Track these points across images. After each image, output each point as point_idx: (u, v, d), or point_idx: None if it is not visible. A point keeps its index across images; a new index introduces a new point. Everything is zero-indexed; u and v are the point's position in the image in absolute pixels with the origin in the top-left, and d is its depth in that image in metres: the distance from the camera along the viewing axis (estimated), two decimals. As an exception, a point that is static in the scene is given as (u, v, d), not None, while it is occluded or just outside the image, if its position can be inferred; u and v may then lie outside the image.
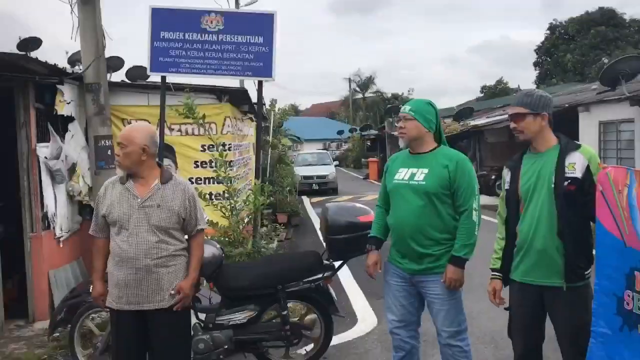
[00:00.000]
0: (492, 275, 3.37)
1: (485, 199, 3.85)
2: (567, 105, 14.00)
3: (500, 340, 5.14)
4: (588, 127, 13.17)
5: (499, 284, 3.35)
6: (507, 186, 3.34)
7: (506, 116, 16.64)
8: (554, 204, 3.05)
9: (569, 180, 3.02)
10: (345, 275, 7.57)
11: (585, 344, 2.93)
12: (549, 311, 3.18)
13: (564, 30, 45.82)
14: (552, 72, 45.41)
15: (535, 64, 48.40)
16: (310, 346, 4.82)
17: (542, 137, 3.18)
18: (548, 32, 47.18)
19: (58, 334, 5.27)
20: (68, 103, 6.57)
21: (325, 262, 4.63)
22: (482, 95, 50.33)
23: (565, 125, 7.20)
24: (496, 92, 47.78)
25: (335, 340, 5.06)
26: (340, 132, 49.32)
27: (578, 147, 3.11)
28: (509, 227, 3.31)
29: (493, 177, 17.10)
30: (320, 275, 4.57)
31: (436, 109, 3.63)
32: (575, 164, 3.04)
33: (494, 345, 5.16)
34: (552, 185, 3.06)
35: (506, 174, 3.37)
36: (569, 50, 43.57)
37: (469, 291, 3.56)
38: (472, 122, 20.55)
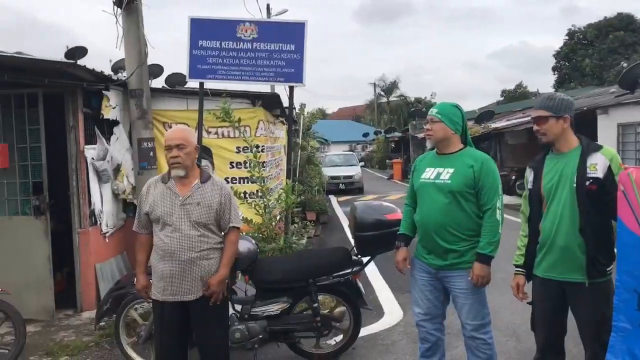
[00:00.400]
0: (516, 271, 3.34)
1: (505, 198, 3.81)
2: (585, 108, 13.76)
3: (522, 334, 5.10)
4: (606, 130, 12.92)
5: (522, 280, 3.31)
6: (530, 185, 3.31)
7: (526, 119, 16.44)
8: (576, 202, 3.01)
9: (591, 180, 2.98)
10: (371, 270, 7.55)
11: (607, 338, 2.88)
12: (571, 306, 3.15)
13: (583, 35, 44.97)
14: (570, 77, 44.66)
15: (554, 69, 47.63)
16: (339, 337, 4.84)
17: (564, 139, 3.14)
18: (567, 37, 46.37)
19: (104, 323, 5.38)
20: (113, 108, 6.67)
21: (354, 257, 4.64)
22: (502, 98, 49.68)
23: (584, 127, 7.09)
24: (516, 96, 47.12)
25: (363, 332, 5.06)
26: (365, 135, 49.17)
27: (599, 148, 3.07)
28: (532, 224, 3.28)
29: (513, 177, 16.90)
30: (349, 270, 4.57)
31: (462, 112, 3.62)
32: (597, 165, 2.99)
33: (515, 338, 5.10)
34: (574, 185, 3.02)
35: (529, 174, 3.33)
36: (588, 55, 42.77)
37: (492, 286, 3.53)
38: (493, 125, 20.34)
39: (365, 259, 4.70)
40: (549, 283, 3.17)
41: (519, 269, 3.33)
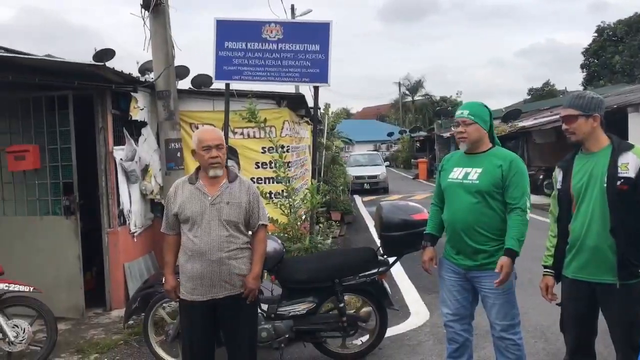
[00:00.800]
0: (545, 272, 3.30)
1: (533, 198, 3.77)
2: (615, 106, 13.52)
3: (551, 335, 5.05)
4: (638, 127, 12.67)
5: (551, 281, 3.28)
6: (559, 185, 3.27)
7: (553, 117, 16.19)
8: (607, 202, 2.97)
9: (622, 180, 2.94)
10: (397, 271, 7.53)
11: (638, 340, 2.84)
12: (602, 307, 3.10)
13: (612, 32, 44.12)
14: (600, 74, 43.86)
15: (583, 66, 46.82)
16: (365, 337, 4.84)
17: (594, 138, 3.10)
18: (596, 34, 45.57)
19: (133, 322, 5.46)
20: (141, 109, 6.77)
21: (380, 258, 4.64)
22: (529, 97, 49.11)
23: (614, 126, 6.97)
24: (543, 95, 46.53)
25: (390, 332, 5.06)
26: (390, 134, 48.95)
27: (631, 147, 3.02)
28: (561, 225, 3.24)
29: (541, 176, 16.72)
30: (375, 271, 4.58)
31: (490, 111, 3.60)
32: (629, 164, 2.94)
33: (544, 340, 5.05)
34: (604, 185, 2.98)
35: (558, 174, 3.30)
36: (618, 52, 41.95)
37: (520, 287, 3.50)
38: (520, 124, 20.12)
39: (391, 259, 4.70)
40: (578, 284, 3.13)
41: (548, 270, 3.30)
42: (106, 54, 8.22)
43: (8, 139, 6.27)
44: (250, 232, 3.68)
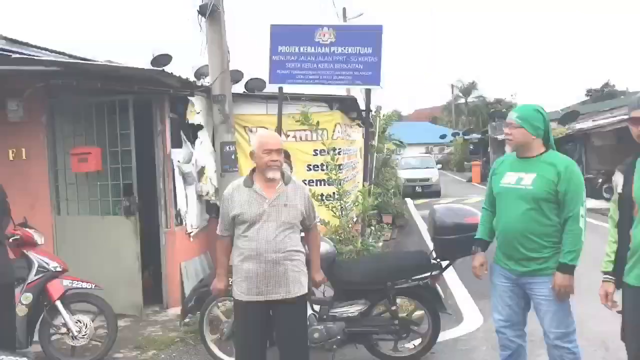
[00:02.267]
0: (604, 278, 3.20)
1: (592, 203, 3.67)
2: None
3: (611, 344, 4.87)
4: None
5: (611, 287, 3.17)
6: (619, 190, 3.16)
7: (614, 119, 15.52)
8: (671, 207, 2.86)
9: (687, 184, 2.82)
10: (451, 275, 7.43)
11: None
12: (666, 316, 2.99)
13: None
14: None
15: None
16: (418, 341, 4.81)
17: None
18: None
19: (189, 320, 5.57)
20: (198, 113, 6.93)
21: (433, 261, 4.61)
22: (587, 98, 47.55)
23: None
24: (603, 95, 44.96)
25: (442, 336, 5.00)
26: (442, 137, 48.21)
27: (697, 150, 2.90)
28: (622, 230, 3.13)
29: (600, 180, 16.20)
30: (428, 274, 4.55)
31: (544, 115, 3.48)
32: None
33: (604, 349, 4.89)
34: (669, 189, 2.88)
35: (618, 178, 3.18)
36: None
37: (577, 294, 3.40)
38: (578, 126, 19.53)
39: (444, 263, 4.66)
40: (640, 292, 3.02)
41: (608, 276, 3.19)
42: (163, 59, 8.45)
43: (72, 142, 6.53)
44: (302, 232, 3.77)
